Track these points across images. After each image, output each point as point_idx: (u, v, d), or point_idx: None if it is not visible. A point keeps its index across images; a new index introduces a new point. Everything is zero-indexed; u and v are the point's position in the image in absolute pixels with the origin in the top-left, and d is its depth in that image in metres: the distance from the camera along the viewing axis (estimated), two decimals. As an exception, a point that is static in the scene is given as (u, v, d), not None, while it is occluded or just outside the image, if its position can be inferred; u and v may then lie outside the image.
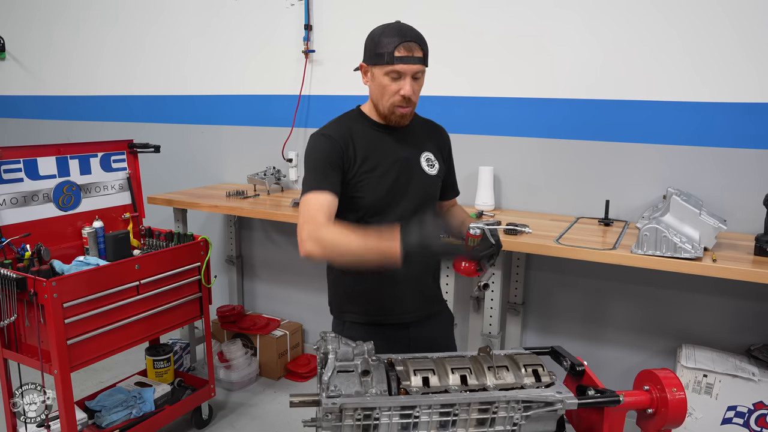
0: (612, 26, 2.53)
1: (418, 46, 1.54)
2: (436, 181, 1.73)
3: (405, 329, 1.73)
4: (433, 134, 1.77)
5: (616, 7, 2.51)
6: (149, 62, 3.86)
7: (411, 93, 1.55)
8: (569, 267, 2.73)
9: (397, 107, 1.59)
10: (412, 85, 1.55)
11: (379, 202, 1.63)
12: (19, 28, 4.44)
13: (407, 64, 1.53)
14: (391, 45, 1.53)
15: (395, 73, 1.54)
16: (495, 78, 2.80)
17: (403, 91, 1.55)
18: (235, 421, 2.91)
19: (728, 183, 2.42)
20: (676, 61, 2.44)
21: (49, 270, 2.24)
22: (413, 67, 1.54)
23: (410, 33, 1.55)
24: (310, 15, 3.19)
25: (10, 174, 2.38)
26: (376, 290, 1.69)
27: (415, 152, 1.70)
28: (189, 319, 2.68)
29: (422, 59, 1.56)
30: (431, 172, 1.70)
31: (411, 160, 1.68)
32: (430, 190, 1.72)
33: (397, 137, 1.67)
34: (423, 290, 1.76)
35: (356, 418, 1.22)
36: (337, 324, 1.77)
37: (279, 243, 3.57)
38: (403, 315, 1.72)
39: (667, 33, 2.44)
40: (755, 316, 2.44)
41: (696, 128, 2.45)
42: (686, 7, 2.39)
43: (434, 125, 1.81)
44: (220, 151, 3.70)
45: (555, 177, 2.74)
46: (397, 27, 1.57)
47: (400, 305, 1.71)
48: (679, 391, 1.30)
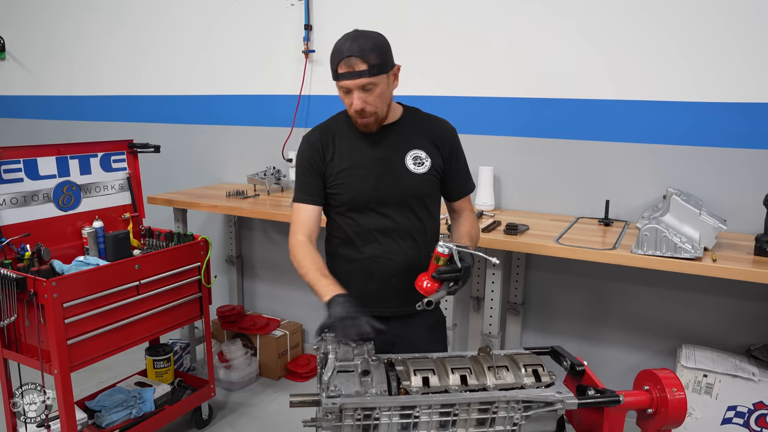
0: (612, 26, 2.53)
1: (359, 59, 1.55)
2: (425, 179, 1.72)
3: (384, 322, 1.69)
4: (432, 132, 1.76)
5: (616, 7, 2.51)
6: (149, 62, 3.86)
7: (361, 106, 1.59)
8: (569, 267, 2.73)
9: (356, 118, 1.65)
10: (362, 97, 1.59)
11: (357, 200, 1.70)
12: (20, 28, 4.44)
13: (349, 80, 1.57)
14: (335, 62, 1.59)
15: (343, 88, 1.61)
16: (495, 78, 2.80)
17: (353, 105, 1.60)
18: (235, 421, 2.91)
19: (728, 183, 2.42)
20: (676, 62, 2.44)
21: (49, 270, 2.24)
22: (355, 82, 1.57)
23: (353, 47, 1.55)
24: (310, 15, 3.19)
25: (10, 174, 2.38)
26: (359, 280, 1.73)
27: (399, 151, 1.71)
28: (189, 319, 2.68)
29: (366, 71, 1.55)
30: (418, 171, 1.70)
31: (391, 159, 1.70)
32: (417, 188, 1.71)
33: (378, 137, 1.71)
34: (405, 288, 1.71)
35: (356, 418, 1.22)
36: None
37: (279, 243, 3.57)
38: (383, 309, 1.74)
39: (666, 33, 2.44)
40: (755, 316, 2.44)
41: (696, 128, 2.44)
42: (687, 7, 2.39)
43: (435, 121, 1.79)
44: (220, 151, 3.70)
45: (555, 177, 2.74)
46: (341, 43, 1.60)
47: (379, 298, 1.73)
48: (679, 391, 1.30)
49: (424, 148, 1.73)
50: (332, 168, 1.71)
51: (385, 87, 1.61)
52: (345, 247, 1.75)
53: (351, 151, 1.71)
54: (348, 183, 1.69)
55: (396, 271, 1.72)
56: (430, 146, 1.74)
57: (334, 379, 1.25)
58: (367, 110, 1.60)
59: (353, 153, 1.71)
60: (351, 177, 1.69)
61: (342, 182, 1.70)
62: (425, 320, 1.82)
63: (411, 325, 1.78)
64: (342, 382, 1.24)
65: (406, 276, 1.72)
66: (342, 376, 1.26)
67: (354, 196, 1.70)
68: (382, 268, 1.72)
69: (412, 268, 1.73)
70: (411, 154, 1.71)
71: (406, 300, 1.73)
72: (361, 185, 1.69)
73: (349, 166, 1.70)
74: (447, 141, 1.77)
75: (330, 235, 1.82)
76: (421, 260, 1.76)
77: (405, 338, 1.77)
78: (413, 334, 1.78)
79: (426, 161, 1.72)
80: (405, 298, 1.73)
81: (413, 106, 1.80)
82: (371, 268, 1.72)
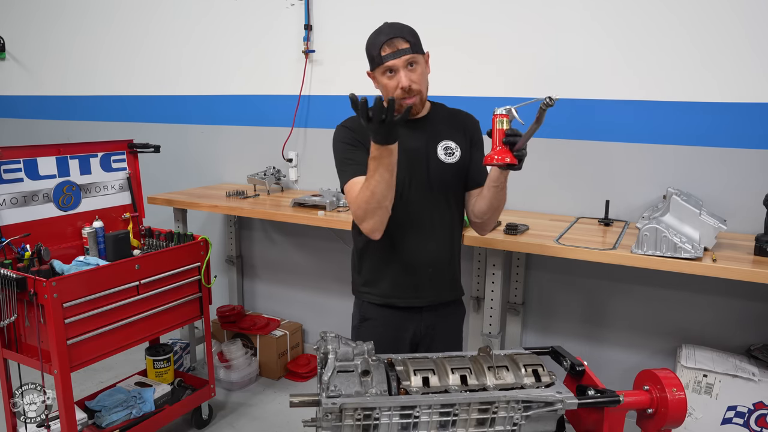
0: (612, 26, 2.53)
1: (401, 39, 1.63)
2: (455, 169, 1.76)
3: (418, 312, 1.80)
4: (459, 123, 1.81)
5: (616, 7, 2.51)
6: (149, 62, 3.86)
7: (408, 82, 1.64)
8: (569, 267, 2.73)
9: (403, 101, 1.67)
10: (407, 75, 1.64)
11: None
12: (19, 28, 4.44)
13: (395, 59, 1.63)
14: (377, 47, 1.65)
15: (388, 70, 1.65)
16: (495, 78, 2.80)
17: (400, 83, 1.64)
18: (235, 421, 2.91)
19: (728, 183, 2.42)
20: (676, 62, 2.44)
21: (49, 270, 2.24)
22: (402, 59, 1.64)
23: (392, 30, 1.65)
24: (310, 15, 3.18)
25: (10, 174, 2.38)
26: (394, 272, 1.77)
27: (431, 142, 1.75)
28: (189, 319, 2.68)
29: (409, 48, 1.63)
30: (449, 161, 1.75)
31: (424, 149, 1.74)
32: (448, 177, 1.76)
33: (410, 128, 1.73)
34: (439, 277, 1.81)
35: (356, 418, 1.22)
36: (357, 302, 1.88)
37: (279, 243, 3.57)
38: (418, 299, 1.79)
39: (665, 33, 2.43)
40: (755, 316, 2.44)
41: (696, 128, 2.44)
42: (685, 6, 2.39)
43: (461, 114, 1.85)
44: (220, 151, 3.70)
45: (555, 177, 2.74)
46: (379, 30, 1.67)
47: (415, 289, 1.78)
48: (679, 391, 1.30)
49: (453, 139, 1.77)
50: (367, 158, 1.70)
51: (424, 67, 1.69)
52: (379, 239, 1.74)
53: None
54: None
55: (430, 261, 1.77)
56: (459, 136, 1.79)
57: (334, 379, 1.25)
58: (413, 88, 1.65)
59: None
60: None
61: None
62: (456, 310, 1.90)
63: (442, 314, 1.84)
64: (342, 382, 1.24)
65: (439, 266, 1.79)
66: (342, 376, 1.26)
67: None
68: (416, 258, 1.75)
69: (445, 257, 1.81)
70: (442, 144, 1.76)
71: (439, 290, 1.82)
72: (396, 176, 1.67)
73: None
74: (472, 131, 1.83)
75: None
76: (453, 249, 1.83)
77: (436, 328, 1.83)
78: (444, 324, 1.85)
79: (456, 151, 1.76)
80: (438, 288, 1.81)
81: (439, 102, 1.85)
82: (406, 260, 1.76)
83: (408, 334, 1.81)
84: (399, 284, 1.78)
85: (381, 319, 1.81)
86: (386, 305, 1.80)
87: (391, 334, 1.78)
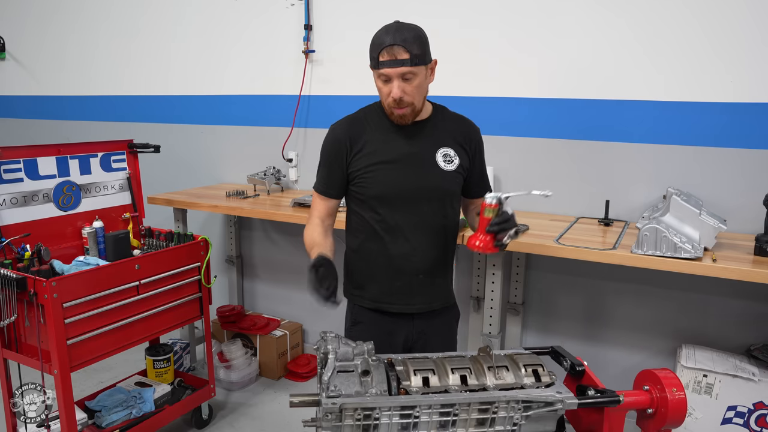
0: (612, 26, 2.53)
1: (402, 48, 1.55)
2: (453, 176, 1.73)
3: (410, 319, 1.78)
4: (459, 130, 1.78)
5: (616, 7, 2.51)
6: (149, 62, 3.86)
7: (399, 95, 1.59)
8: (569, 267, 2.73)
9: (393, 108, 1.64)
10: (402, 86, 1.58)
11: (386, 194, 1.69)
12: (19, 28, 4.44)
13: (390, 68, 1.57)
14: (377, 50, 1.58)
15: (383, 76, 1.60)
16: (495, 78, 2.80)
17: (391, 93, 1.60)
18: (235, 421, 2.91)
19: (728, 183, 2.41)
20: (676, 62, 2.43)
21: (49, 270, 2.24)
22: (397, 70, 1.57)
23: (397, 36, 1.56)
24: (310, 15, 3.18)
25: (10, 174, 2.38)
26: (386, 277, 1.74)
27: (430, 148, 1.72)
28: (189, 319, 2.68)
29: (408, 60, 1.56)
30: (447, 168, 1.71)
31: (422, 155, 1.70)
32: (446, 185, 1.73)
33: (409, 133, 1.70)
34: (431, 284, 1.78)
35: (356, 418, 1.22)
36: (349, 304, 1.86)
37: (279, 243, 3.57)
38: (409, 305, 1.76)
39: (663, 33, 2.44)
40: (755, 316, 2.44)
41: (696, 128, 2.44)
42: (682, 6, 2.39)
43: (464, 121, 1.82)
44: (219, 151, 3.70)
45: (555, 177, 2.74)
46: (387, 29, 1.60)
47: (406, 295, 1.75)
48: (679, 391, 1.30)
49: (453, 146, 1.74)
50: (361, 161, 1.69)
51: (423, 79, 1.63)
52: (371, 242, 1.75)
53: (382, 145, 1.69)
54: (378, 177, 1.68)
55: (423, 267, 1.74)
56: (459, 145, 1.76)
57: (334, 379, 1.25)
58: (405, 100, 1.61)
59: (384, 147, 1.69)
60: (381, 171, 1.68)
61: (371, 176, 1.69)
62: (448, 316, 1.87)
63: (434, 321, 1.81)
64: (342, 382, 1.24)
65: (431, 272, 1.76)
66: (342, 376, 1.26)
67: (383, 191, 1.69)
68: (409, 264, 1.73)
69: (438, 264, 1.78)
70: (441, 151, 1.72)
71: (431, 297, 1.78)
72: (392, 180, 1.68)
73: (379, 160, 1.68)
74: (473, 141, 1.79)
75: (354, 230, 1.80)
76: (447, 256, 1.81)
77: (427, 334, 1.80)
78: (436, 330, 1.81)
79: (455, 159, 1.73)
80: (430, 295, 1.78)
81: (441, 104, 1.82)
82: (398, 265, 1.73)
83: (400, 339, 1.78)
84: (389, 289, 1.74)
85: (372, 323, 1.78)
86: (377, 310, 1.77)
87: (384, 338, 1.74)
